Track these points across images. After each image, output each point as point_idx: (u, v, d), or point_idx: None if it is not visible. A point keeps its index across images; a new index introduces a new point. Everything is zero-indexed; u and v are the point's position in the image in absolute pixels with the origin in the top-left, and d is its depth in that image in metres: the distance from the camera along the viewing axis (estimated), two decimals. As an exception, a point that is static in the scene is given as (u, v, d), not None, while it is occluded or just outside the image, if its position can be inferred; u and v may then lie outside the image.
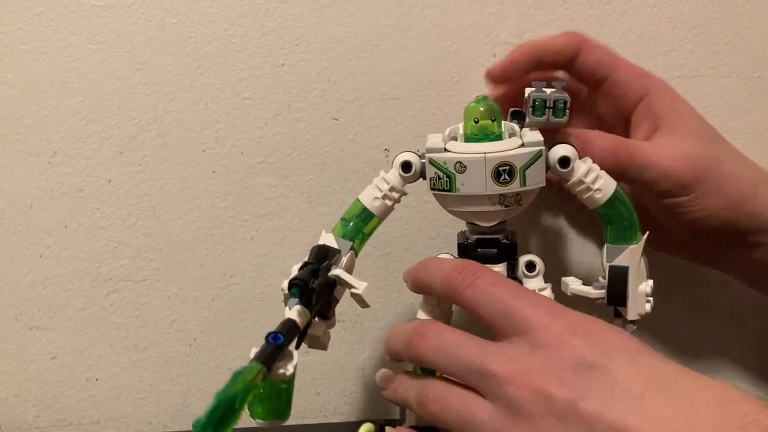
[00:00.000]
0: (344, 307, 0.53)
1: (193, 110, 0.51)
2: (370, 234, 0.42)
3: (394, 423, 0.53)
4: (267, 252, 0.53)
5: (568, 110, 0.38)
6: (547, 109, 0.38)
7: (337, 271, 0.37)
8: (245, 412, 0.29)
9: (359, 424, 0.42)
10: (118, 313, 0.53)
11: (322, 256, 0.37)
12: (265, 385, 0.32)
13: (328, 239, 0.40)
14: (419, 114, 0.52)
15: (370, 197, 0.41)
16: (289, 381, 0.33)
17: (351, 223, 0.41)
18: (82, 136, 0.51)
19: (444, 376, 0.37)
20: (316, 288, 0.35)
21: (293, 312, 0.34)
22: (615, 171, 0.40)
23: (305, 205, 0.52)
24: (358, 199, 0.41)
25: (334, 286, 0.38)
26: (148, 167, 0.51)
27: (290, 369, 0.32)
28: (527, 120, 0.39)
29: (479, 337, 0.36)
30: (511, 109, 0.42)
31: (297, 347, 0.36)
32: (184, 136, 0.51)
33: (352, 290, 0.37)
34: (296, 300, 0.34)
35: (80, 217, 0.52)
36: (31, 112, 0.50)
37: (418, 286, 0.40)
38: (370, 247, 0.52)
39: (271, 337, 0.31)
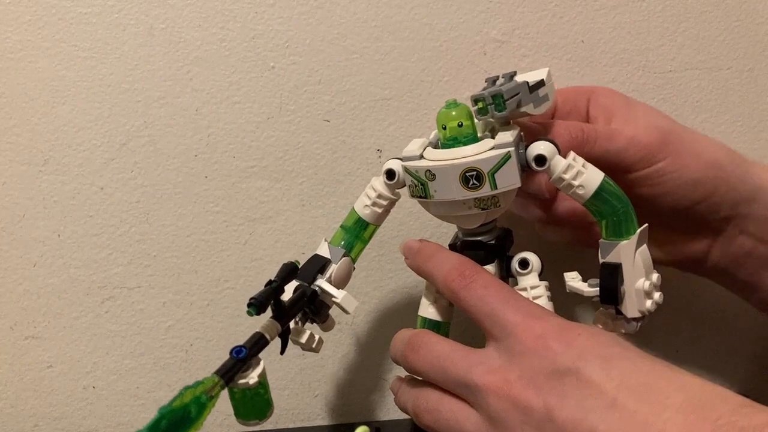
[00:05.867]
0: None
1: (184, 115, 0.51)
2: (369, 238, 0.43)
3: (389, 424, 0.53)
4: (261, 256, 0.53)
5: (507, 102, 0.37)
6: (489, 107, 0.38)
7: (319, 282, 0.40)
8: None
9: (357, 426, 0.43)
10: (113, 321, 0.53)
11: (289, 272, 0.38)
12: (238, 392, 0.34)
13: (323, 248, 0.42)
14: (411, 114, 0.52)
15: (362, 205, 0.42)
16: (262, 387, 0.35)
17: (349, 231, 0.42)
18: (73, 144, 0.51)
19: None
20: (288, 302, 0.37)
21: (262, 325, 0.36)
22: (582, 146, 0.40)
23: (298, 208, 0.52)
24: (353, 207, 0.42)
25: (314, 296, 0.40)
26: (140, 174, 0.51)
27: (254, 378, 0.34)
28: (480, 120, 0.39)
29: (467, 347, 0.37)
30: (473, 103, 0.40)
31: (282, 353, 0.38)
32: (176, 141, 0.51)
33: (333, 300, 0.40)
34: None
35: (73, 225, 0.52)
36: (21, 121, 0.50)
37: (421, 273, 0.41)
38: (365, 250, 0.52)
39: (235, 351, 0.34)
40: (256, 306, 0.35)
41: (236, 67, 0.50)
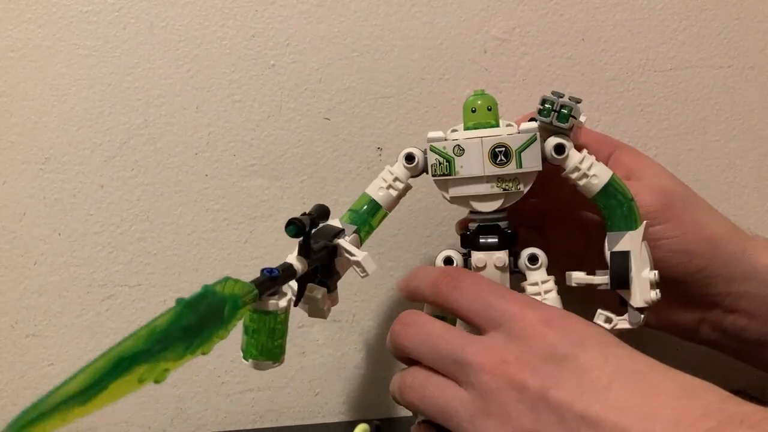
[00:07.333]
0: (341, 307, 0.53)
1: (184, 114, 0.51)
2: (376, 226, 0.43)
3: (390, 422, 0.53)
4: (262, 254, 0.53)
5: (572, 118, 0.39)
6: (553, 112, 0.39)
7: (338, 240, 0.39)
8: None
9: (357, 424, 0.43)
10: (114, 319, 0.53)
11: (322, 212, 0.38)
12: (258, 320, 0.34)
13: (334, 223, 0.42)
14: (411, 112, 0.52)
15: (376, 188, 0.43)
16: (283, 322, 0.34)
17: (358, 213, 0.42)
18: (73, 142, 0.51)
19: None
20: (315, 247, 0.36)
21: (291, 257, 0.35)
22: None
23: (299, 206, 0.52)
24: (365, 192, 0.43)
25: (335, 252, 0.39)
26: (141, 172, 0.51)
27: (283, 303, 0.33)
28: (537, 121, 0.40)
29: (459, 329, 0.37)
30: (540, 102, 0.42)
31: (296, 304, 0.37)
32: (176, 139, 0.51)
33: (352, 258, 0.39)
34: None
35: (74, 223, 0.52)
36: (21, 120, 0.50)
37: (410, 293, 0.42)
38: (364, 247, 0.52)
39: (267, 270, 0.33)
40: (297, 226, 0.34)
41: (236, 65, 0.50)
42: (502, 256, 0.41)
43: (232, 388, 0.54)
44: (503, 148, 0.39)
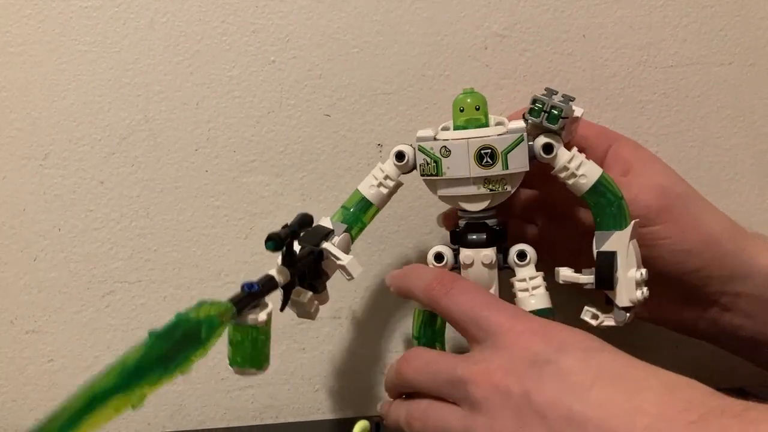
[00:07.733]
0: (341, 303, 0.53)
1: (184, 110, 0.50)
2: (367, 223, 0.43)
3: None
4: (262, 250, 0.51)
5: (561, 119, 0.39)
6: (543, 113, 0.39)
7: (325, 245, 0.40)
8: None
9: (357, 420, 0.43)
10: (114, 315, 0.53)
11: (304, 222, 0.39)
12: (242, 331, 0.34)
13: (325, 222, 0.42)
14: (412, 108, 0.51)
15: (367, 185, 0.43)
16: (265, 332, 0.35)
17: (350, 211, 0.43)
18: (73, 138, 0.51)
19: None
20: (299, 254, 0.37)
21: (273, 269, 0.36)
22: None
23: (299, 202, 0.52)
24: (357, 189, 0.43)
25: (320, 257, 0.39)
26: (141, 168, 0.51)
27: (263, 317, 0.33)
28: (528, 120, 0.40)
29: (453, 354, 0.39)
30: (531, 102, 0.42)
31: (282, 309, 0.38)
32: (176, 135, 0.51)
33: (338, 262, 0.39)
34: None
35: (73, 219, 0.52)
36: (21, 115, 0.50)
37: (402, 292, 0.43)
38: (365, 244, 0.52)
39: (246, 285, 0.33)
40: (275, 241, 0.34)
41: (237, 61, 0.50)
42: (489, 254, 0.41)
43: (232, 384, 0.54)
44: (489, 150, 0.39)
